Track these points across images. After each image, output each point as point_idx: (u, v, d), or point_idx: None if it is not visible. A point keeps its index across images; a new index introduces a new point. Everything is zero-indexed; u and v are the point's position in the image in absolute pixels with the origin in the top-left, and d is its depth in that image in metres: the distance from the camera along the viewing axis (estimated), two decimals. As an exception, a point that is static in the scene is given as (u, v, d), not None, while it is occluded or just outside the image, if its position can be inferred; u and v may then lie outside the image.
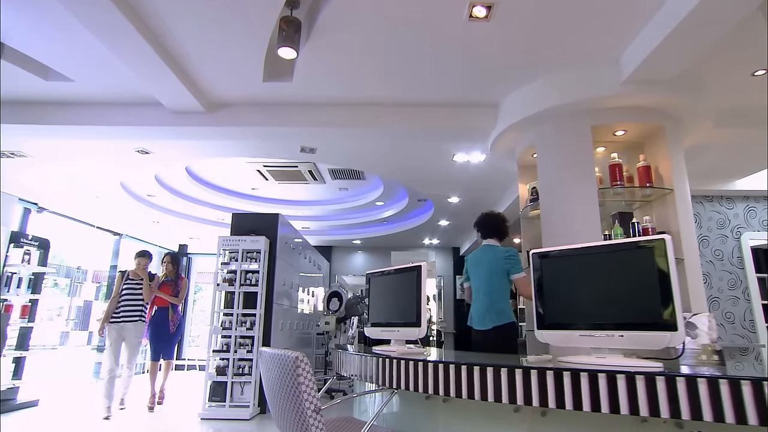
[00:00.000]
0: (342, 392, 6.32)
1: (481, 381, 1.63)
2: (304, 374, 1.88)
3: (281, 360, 1.93)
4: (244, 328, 4.86)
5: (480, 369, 1.63)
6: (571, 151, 3.07)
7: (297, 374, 1.81)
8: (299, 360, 1.82)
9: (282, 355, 1.97)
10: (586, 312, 1.78)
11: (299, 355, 1.75)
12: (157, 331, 5.23)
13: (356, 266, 10.13)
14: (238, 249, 5.03)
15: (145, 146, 4.41)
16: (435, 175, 5.32)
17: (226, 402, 4.66)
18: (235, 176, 6.85)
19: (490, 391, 1.59)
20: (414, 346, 2.53)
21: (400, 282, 2.60)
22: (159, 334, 5.24)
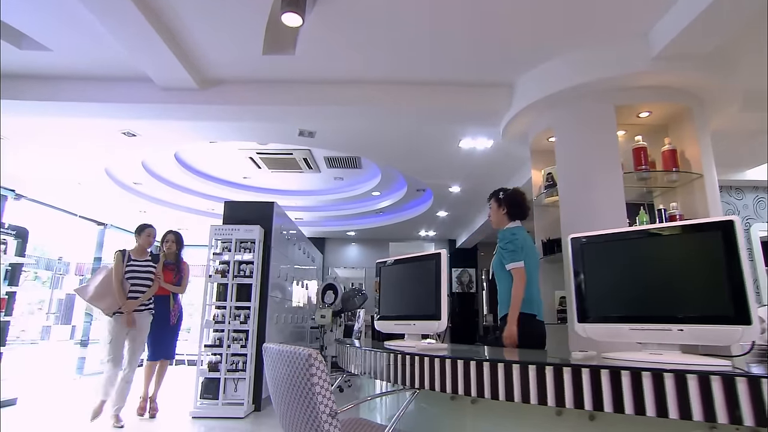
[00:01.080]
0: (339, 389, 6.12)
1: (522, 381, 1.42)
2: (319, 373, 1.66)
3: (291, 357, 1.70)
4: (237, 321, 4.61)
5: (520, 367, 1.43)
6: (594, 134, 2.88)
7: (310, 374, 1.62)
8: (313, 358, 1.61)
9: (292, 351, 1.75)
10: (638, 303, 1.58)
11: (313, 353, 1.54)
12: (155, 325, 4.36)
13: (350, 259, 9.91)
14: (232, 239, 4.77)
15: (131, 128, 4.12)
16: (438, 162, 5.11)
17: (219, 399, 4.42)
18: (227, 164, 6.56)
19: (532, 393, 1.38)
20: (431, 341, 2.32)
21: (417, 271, 2.39)
22: (158, 328, 4.37)
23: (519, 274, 2.56)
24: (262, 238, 4.91)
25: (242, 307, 4.69)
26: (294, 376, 1.71)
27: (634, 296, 1.61)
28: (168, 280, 4.49)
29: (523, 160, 4.72)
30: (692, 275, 1.47)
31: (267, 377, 1.93)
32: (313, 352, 1.61)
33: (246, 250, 4.80)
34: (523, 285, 2.55)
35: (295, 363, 1.70)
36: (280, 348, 1.89)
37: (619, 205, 2.70)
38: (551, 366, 1.34)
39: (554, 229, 3.41)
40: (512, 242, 2.62)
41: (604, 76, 2.76)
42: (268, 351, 2.00)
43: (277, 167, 6.70)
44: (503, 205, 2.78)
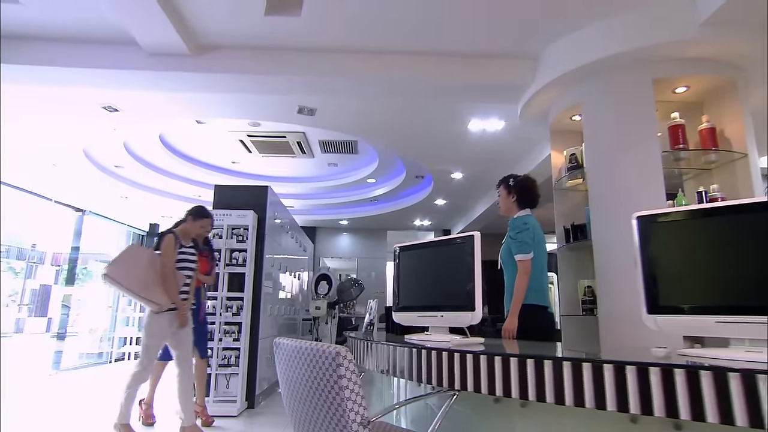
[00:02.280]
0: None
1: (595, 383, 1.17)
2: (348, 375, 1.39)
3: (314, 355, 1.47)
4: (229, 313, 4.30)
5: (592, 366, 1.17)
6: (629, 109, 2.65)
7: (339, 375, 1.36)
8: (341, 357, 1.36)
9: (315, 349, 1.48)
10: (724, 291, 1.35)
11: (341, 350, 1.32)
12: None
13: (341, 249, 9.61)
14: (223, 225, 4.44)
15: (113, 101, 3.74)
16: (443, 145, 4.84)
17: (210, 397, 4.11)
18: (215, 147, 6.18)
19: (609, 397, 1.13)
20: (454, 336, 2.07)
21: (445, 256, 2.12)
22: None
23: (525, 266, 2.44)
24: (256, 225, 4.59)
25: (234, 297, 4.38)
26: (317, 377, 1.46)
27: (721, 283, 1.37)
28: (204, 269, 3.80)
29: (534, 143, 4.50)
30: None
31: (280, 377, 1.67)
32: (341, 350, 1.35)
33: (238, 237, 4.48)
34: (527, 278, 2.44)
35: (318, 362, 1.42)
36: (298, 344, 1.62)
37: (658, 186, 2.48)
38: (633, 366, 1.09)
39: (576, 215, 3.19)
40: (523, 232, 2.47)
41: (643, 45, 2.52)
42: (282, 347, 1.73)
43: (269, 151, 6.35)
44: (513, 192, 2.62)
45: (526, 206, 2.60)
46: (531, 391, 1.27)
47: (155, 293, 3.10)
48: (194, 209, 3.58)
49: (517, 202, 2.60)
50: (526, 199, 2.60)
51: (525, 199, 2.60)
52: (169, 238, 3.27)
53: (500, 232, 9.26)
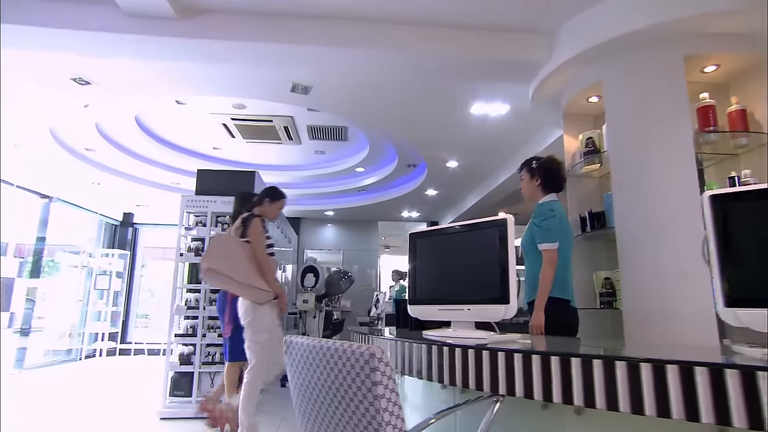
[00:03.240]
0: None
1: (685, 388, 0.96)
2: (385, 381, 1.16)
3: (339, 356, 1.22)
4: (214, 307, 3.99)
5: (680, 369, 0.96)
6: (657, 89, 2.47)
7: (373, 381, 1.13)
8: (376, 358, 1.13)
9: (341, 349, 1.26)
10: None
11: (376, 351, 1.10)
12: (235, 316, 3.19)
13: (326, 240, 9.32)
14: (207, 212, 4.11)
15: (84, 72, 3.36)
16: (442, 131, 4.62)
17: (193, 397, 3.81)
18: (196, 131, 5.80)
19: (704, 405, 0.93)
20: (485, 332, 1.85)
21: (473, 243, 1.90)
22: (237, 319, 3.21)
23: (550, 256, 2.25)
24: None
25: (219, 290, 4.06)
26: (344, 383, 1.21)
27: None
28: None
29: (538, 129, 4.32)
30: None
31: (291, 381, 1.43)
32: (376, 351, 1.13)
33: (224, 226, 4.16)
34: (553, 268, 2.25)
35: (346, 365, 1.19)
36: (318, 344, 1.37)
37: (689, 171, 2.32)
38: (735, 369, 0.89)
39: (591, 202, 3.02)
40: (549, 219, 2.28)
41: (676, 18, 2.34)
42: (295, 347, 1.47)
43: (254, 137, 6.01)
44: (536, 175, 2.42)
45: (552, 190, 2.41)
46: (599, 398, 1.05)
47: (259, 282, 2.85)
48: (271, 191, 3.32)
49: (541, 186, 2.41)
50: (552, 182, 2.40)
51: (550, 182, 2.40)
52: (257, 222, 3.04)
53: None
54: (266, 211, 3.22)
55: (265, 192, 3.29)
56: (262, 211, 3.20)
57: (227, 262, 2.84)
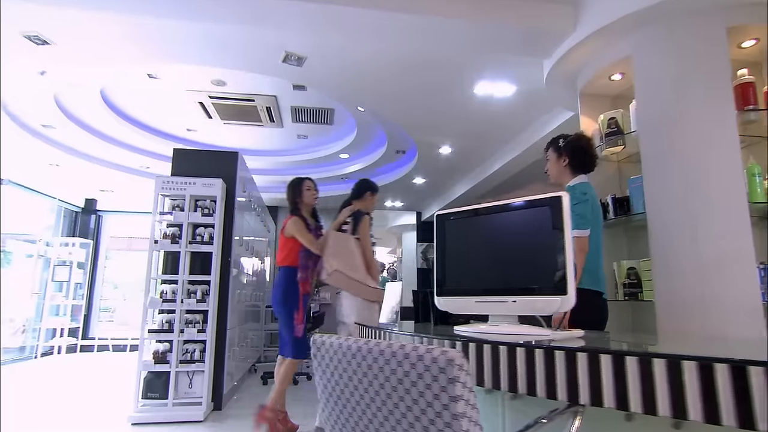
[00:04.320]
0: (306, 375, 5.31)
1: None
2: (466, 395, 0.90)
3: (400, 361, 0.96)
4: (192, 299, 3.62)
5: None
6: (696, 63, 2.28)
7: (452, 396, 0.87)
8: (456, 366, 0.87)
9: (403, 352, 0.98)
10: None
11: (455, 356, 0.86)
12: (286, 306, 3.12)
13: (305, 231, 8.93)
14: (185, 195, 3.72)
15: (41, 27, 2.90)
16: (441, 112, 4.36)
17: (169, 399, 3.44)
18: (169, 110, 5.33)
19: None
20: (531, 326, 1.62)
21: (518, 224, 1.65)
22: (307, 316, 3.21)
23: (581, 244, 2.05)
24: (224, 197, 3.91)
25: (198, 281, 3.70)
26: (406, 398, 0.94)
27: None
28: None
29: (540, 113, 4.13)
30: None
31: (324, 392, 1.17)
32: (454, 355, 0.88)
33: (204, 210, 3.78)
34: (583, 257, 2.06)
35: (410, 374, 0.93)
36: (364, 345, 1.09)
37: (731, 152, 2.15)
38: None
39: (611, 187, 2.84)
40: (581, 204, 2.08)
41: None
42: (331, 349, 1.19)
43: (233, 117, 5.59)
44: (564, 154, 2.21)
45: (582, 171, 2.21)
46: (725, 412, 0.82)
47: (371, 280, 2.85)
48: (370, 183, 3.28)
49: (569, 167, 2.21)
50: (581, 161, 2.20)
51: (579, 162, 2.20)
52: (366, 219, 3.03)
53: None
54: (368, 204, 3.18)
55: (366, 185, 3.25)
56: (364, 205, 3.15)
57: (345, 260, 2.83)
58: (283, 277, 3.15)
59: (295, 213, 3.19)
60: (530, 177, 6.13)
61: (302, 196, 3.25)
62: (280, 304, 3.12)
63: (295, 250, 3.10)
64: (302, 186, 3.27)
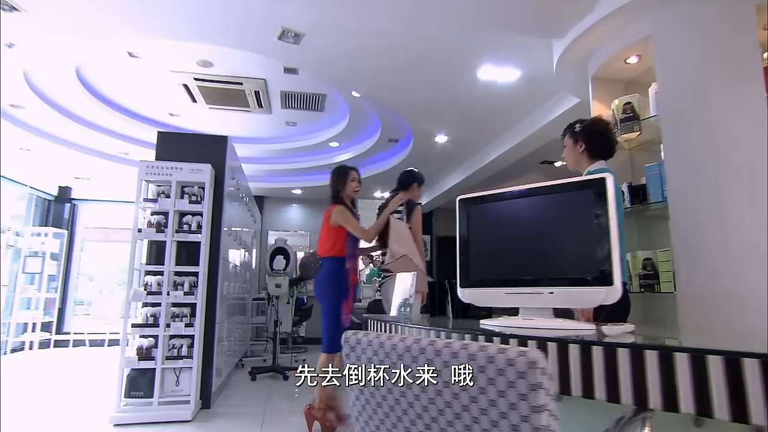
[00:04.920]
0: (294, 370, 5.13)
1: None
2: (549, 403, 0.68)
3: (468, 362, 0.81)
4: (180, 292, 3.40)
5: None
6: (722, 43, 2.18)
7: (534, 406, 0.73)
8: (538, 370, 0.74)
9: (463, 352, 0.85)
10: None
11: (537, 356, 0.73)
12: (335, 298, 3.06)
13: (291, 221, 8.71)
14: (171, 181, 3.48)
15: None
16: (440, 98, 4.21)
17: (155, 398, 3.23)
18: (151, 92, 5.04)
19: None
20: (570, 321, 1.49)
21: (555, 209, 1.51)
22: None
23: None
24: (213, 182, 3.68)
25: (185, 273, 3.48)
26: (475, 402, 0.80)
27: None
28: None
29: (543, 101, 4.02)
30: None
31: (358, 394, 1.01)
32: (537, 357, 0.74)
33: (191, 198, 3.54)
34: None
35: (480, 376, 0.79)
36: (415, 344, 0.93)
37: (760, 134, 2.06)
38: None
39: (624, 175, 2.74)
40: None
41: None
42: (367, 346, 1.04)
43: (219, 102, 5.33)
44: (580, 140, 2.08)
45: (600, 157, 2.08)
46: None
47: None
48: (417, 175, 3.39)
49: (587, 152, 2.07)
50: (599, 146, 2.07)
51: (597, 146, 2.07)
52: (419, 210, 3.18)
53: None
54: (415, 195, 3.29)
55: (412, 176, 3.35)
56: (411, 196, 3.24)
57: (408, 247, 2.95)
58: (330, 268, 3.07)
59: (338, 202, 3.12)
60: (525, 168, 6.05)
61: (346, 187, 3.15)
62: (329, 296, 3.06)
63: (341, 240, 3.05)
64: (348, 176, 3.19)
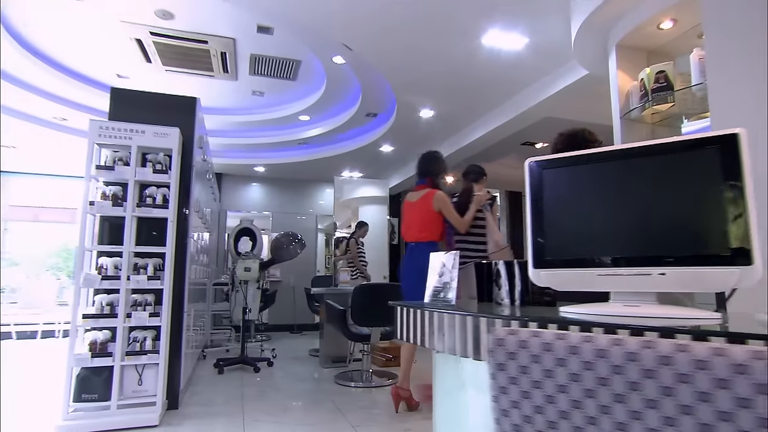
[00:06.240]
0: (267, 361, 4.73)
1: None
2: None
3: (681, 367, 0.55)
4: (143, 276, 2.90)
5: None
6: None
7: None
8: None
9: (685, 356, 0.56)
10: None
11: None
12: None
13: (252, 201, 8.13)
14: (131, 145, 2.94)
15: None
16: (435, 66, 3.89)
17: (113, 400, 2.74)
18: (96, 47, 4.35)
19: None
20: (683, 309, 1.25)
21: (666, 171, 1.24)
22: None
23: None
24: (181, 149, 3.16)
25: (149, 254, 2.98)
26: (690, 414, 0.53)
27: None
28: None
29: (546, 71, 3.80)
30: None
31: (508, 405, 0.65)
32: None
33: (156, 166, 3.02)
34: None
35: (681, 387, 0.54)
36: (617, 347, 0.57)
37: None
38: None
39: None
40: None
41: None
42: (536, 347, 0.67)
43: (178, 63, 4.72)
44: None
45: None
46: None
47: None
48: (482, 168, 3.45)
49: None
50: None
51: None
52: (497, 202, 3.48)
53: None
54: (483, 187, 3.39)
55: (482, 169, 3.42)
56: (481, 188, 3.33)
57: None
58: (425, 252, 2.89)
59: (439, 188, 3.18)
60: (505, 149, 5.89)
61: (445, 173, 3.31)
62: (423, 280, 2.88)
63: (440, 226, 3.08)
64: (445, 163, 3.33)
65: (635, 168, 1.25)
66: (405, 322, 1.56)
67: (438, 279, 1.75)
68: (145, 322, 2.87)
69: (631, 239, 1.23)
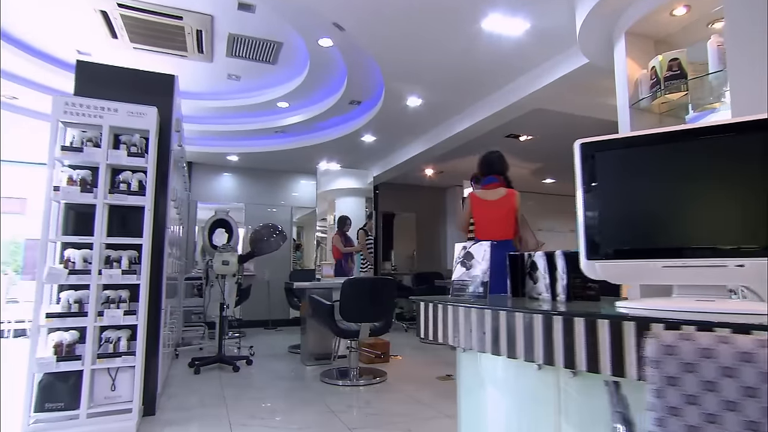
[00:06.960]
0: (245, 359, 4.48)
1: None
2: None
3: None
4: (117, 270, 2.61)
5: None
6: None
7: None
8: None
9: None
10: None
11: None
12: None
13: (224, 192, 7.75)
14: (102, 125, 2.63)
15: None
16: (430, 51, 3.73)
17: (82, 408, 2.46)
18: (53, 20, 3.94)
19: None
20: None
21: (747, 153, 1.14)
22: None
23: None
24: (158, 130, 2.87)
25: (123, 245, 2.69)
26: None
27: None
28: None
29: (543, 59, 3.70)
30: None
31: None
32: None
33: (131, 148, 2.72)
34: None
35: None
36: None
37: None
38: None
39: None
40: None
41: None
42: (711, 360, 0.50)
43: (148, 41, 4.35)
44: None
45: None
46: None
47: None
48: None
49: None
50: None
51: None
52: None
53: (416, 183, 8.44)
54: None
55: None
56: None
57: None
58: (511, 249, 3.14)
59: (512, 187, 3.32)
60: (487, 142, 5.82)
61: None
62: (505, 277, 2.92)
63: (514, 225, 3.22)
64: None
65: (706, 147, 1.14)
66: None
67: (466, 272, 1.61)
68: (119, 321, 2.59)
69: (701, 228, 1.12)
